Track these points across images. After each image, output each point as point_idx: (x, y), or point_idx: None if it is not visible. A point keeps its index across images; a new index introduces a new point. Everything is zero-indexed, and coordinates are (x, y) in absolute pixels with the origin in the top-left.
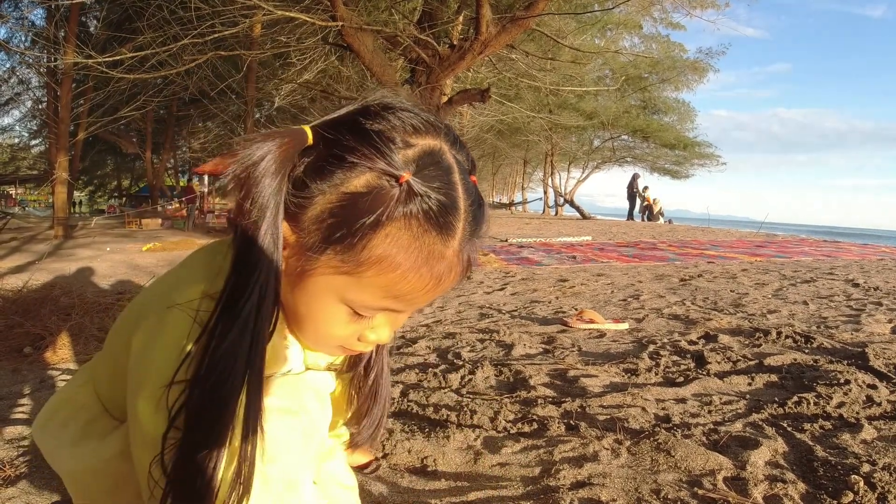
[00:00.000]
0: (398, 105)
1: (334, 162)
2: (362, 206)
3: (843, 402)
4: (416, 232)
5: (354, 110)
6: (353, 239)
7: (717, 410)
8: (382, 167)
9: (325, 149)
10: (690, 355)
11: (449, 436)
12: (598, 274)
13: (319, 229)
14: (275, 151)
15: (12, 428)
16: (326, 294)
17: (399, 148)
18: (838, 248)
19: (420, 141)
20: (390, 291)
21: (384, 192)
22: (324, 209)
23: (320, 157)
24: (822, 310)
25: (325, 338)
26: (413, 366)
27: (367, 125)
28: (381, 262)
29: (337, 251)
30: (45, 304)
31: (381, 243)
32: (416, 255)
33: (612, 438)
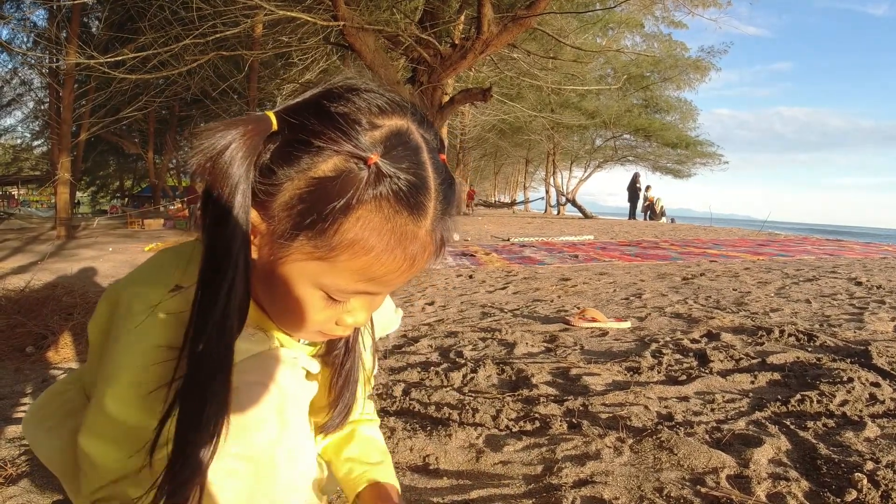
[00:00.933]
0: (362, 86)
1: (300, 147)
2: (331, 190)
3: (847, 400)
4: (388, 213)
5: (318, 93)
6: (324, 224)
7: (720, 408)
8: (349, 150)
9: (290, 134)
10: (693, 354)
11: (451, 434)
12: (601, 273)
13: (290, 216)
14: (239, 139)
15: (14, 427)
16: (301, 280)
17: (365, 129)
18: (841, 247)
19: (386, 121)
20: (364, 274)
21: (353, 175)
22: (293, 195)
23: (286, 142)
24: (825, 308)
25: (302, 324)
26: (415, 364)
27: (332, 108)
28: (353, 245)
29: (308, 237)
30: (47, 303)
31: (353, 227)
32: (389, 237)
33: (614, 437)
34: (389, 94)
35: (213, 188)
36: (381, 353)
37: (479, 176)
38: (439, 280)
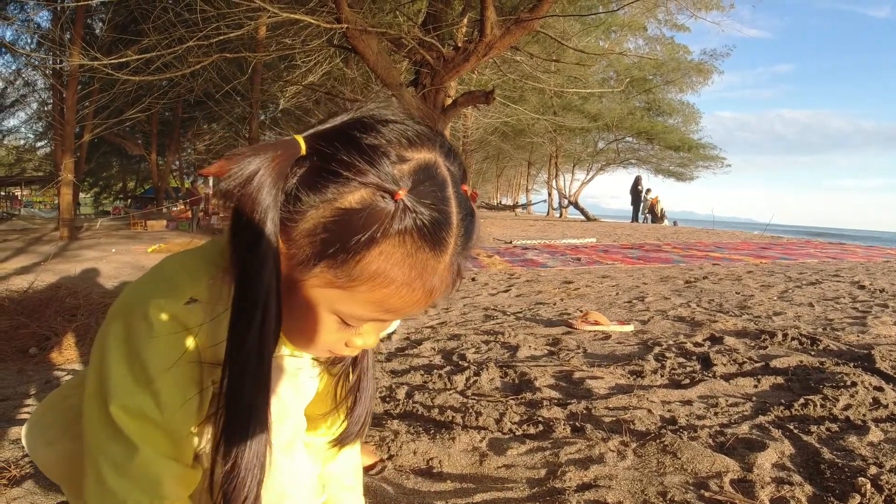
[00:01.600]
0: (393, 117)
1: (328, 176)
2: (357, 222)
3: (850, 404)
4: (410, 249)
5: (349, 122)
6: (346, 255)
7: (724, 412)
8: (377, 183)
9: (318, 161)
10: (696, 357)
11: (454, 437)
12: (603, 276)
13: (312, 243)
14: (268, 165)
15: (18, 428)
16: (316, 305)
17: (394, 163)
18: (843, 251)
19: (415, 155)
20: (382, 305)
21: (379, 209)
22: (317, 224)
23: (314, 170)
24: (828, 312)
25: (313, 343)
26: (418, 367)
27: (362, 139)
28: (374, 278)
29: (329, 266)
30: (50, 304)
31: (376, 260)
32: (410, 271)
33: (617, 440)
34: (419, 126)
35: (242, 214)
36: (385, 356)
37: (482, 178)
38: None
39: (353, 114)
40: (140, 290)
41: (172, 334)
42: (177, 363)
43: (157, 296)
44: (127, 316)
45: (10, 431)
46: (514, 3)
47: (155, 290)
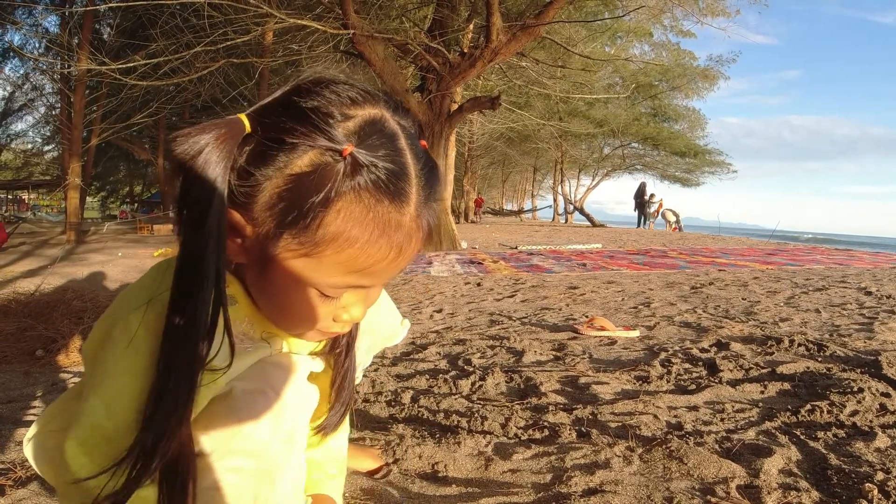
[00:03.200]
0: (331, 79)
1: (275, 146)
2: (309, 185)
3: (857, 410)
4: (369, 203)
5: (287, 90)
6: (305, 220)
7: (730, 418)
8: (323, 143)
9: (263, 134)
10: (702, 363)
11: (460, 441)
12: (609, 281)
13: (272, 215)
14: (213, 143)
15: (23, 430)
16: (291, 279)
17: (338, 121)
18: (850, 257)
19: (359, 112)
20: (352, 267)
21: (329, 168)
22: (272, 194)
23: (260, 142)
24: (835, 318)
25: (300, 322)
26: (423, 372)
27: (303, 103)
28: (337, 238)
29: (293, 234)
30: (57, 307)
31: (335, 220)
32: (373, 227)
33: (623, 445)
34: (360, 85)
35: (188, 193)
36: (390, 360)
37: (487, 184)
38: (447, 288)
39: (292, 83)
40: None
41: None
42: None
43: (126, 308)
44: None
45: (15, 433)
46: (520, 9)
47: (126, 302)
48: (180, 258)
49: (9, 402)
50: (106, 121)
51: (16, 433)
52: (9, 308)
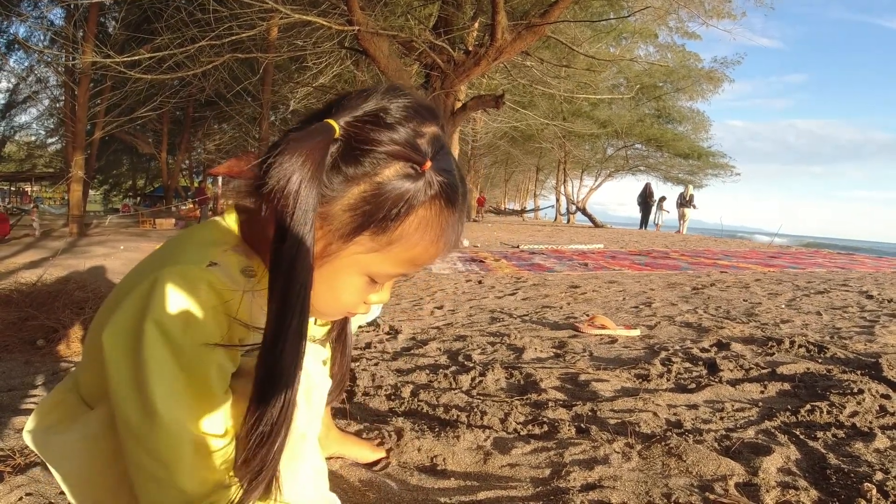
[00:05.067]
0: (409, 95)
1: (364, 155)
2: (394, 192)
3: (857, 411)
4: (437, 211)
5: (373, 103)
6: (388, 223)
7: (730, 417)
8: (409, 156)
9: (354, 142)
10: (703, 362)
11: (459, 436)
12: (610, 281)
13: (353, 217)
14: (305, 162)
15: (23, 418)
16: (351, 269)
17: (419, 137)
18: (852, 261)
19: (428, 128)
20: (412, 261)
21: (412, 179)
22: (358, 198)
23: (349, 149)
24: (836, 320)
25: (337, 306)
26: (424, 367)
27: (388, 118)
28: (409, 239)
29: (370, 233)
30: (59, 297)
31: (412, 224)
32: (438, 230)
33: (622, 442)
34: (425, 102)
35: (284, 208)
36: (391, 355)
37: (490, 183)
38: (448, 285)
39: (374, 96)
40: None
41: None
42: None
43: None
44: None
45: (14, 421)
46: (526, 8)
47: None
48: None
49: (9, 390)
50: (110, 114)
51: (15, 421)
52: (10, 298)
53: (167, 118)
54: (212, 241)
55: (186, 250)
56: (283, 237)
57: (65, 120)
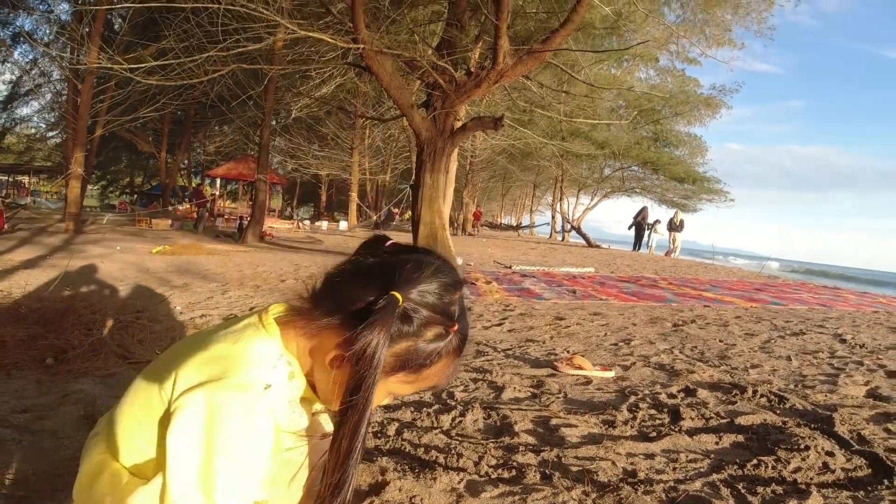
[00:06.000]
0: (442, 272)
1: (413, 321)
2: (431, 348)
3: (800, 467)
4: (451, 358)
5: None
6: (421, 367)
7: (682, 468)
8: (444, 323)
9: (407, 311)
10: (667, 409)
11: (436, 477)
12: (595, 313)
13: (397, 360)
14: (383, 332)
15: (39, 439)
16: (383, 391)
17: (448, 305)
18: (836, 296)
19: (455, 297)
20: (425, 388)
21: (443, 338)
22: (403, 349)
23: (404, 316)
24: (804, 367)
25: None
26: (409, 404)
27: (432, 295)
28: (430, 376)
29: (407, 372)
30: (67, 316)
31: (436, 367)
32: (451, 370)
33: (580, 490)
34: (453, 274)
35: (364, 369)
36: None
37: (487, 196)
38: None
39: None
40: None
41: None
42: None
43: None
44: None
45: (33, 442)
46: (528, 33)
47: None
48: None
49: (24, 411)
50: (112, 112)
51: (33, 442)
52: (19, 313)
53: (169, 118)
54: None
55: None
56: (359, 388)
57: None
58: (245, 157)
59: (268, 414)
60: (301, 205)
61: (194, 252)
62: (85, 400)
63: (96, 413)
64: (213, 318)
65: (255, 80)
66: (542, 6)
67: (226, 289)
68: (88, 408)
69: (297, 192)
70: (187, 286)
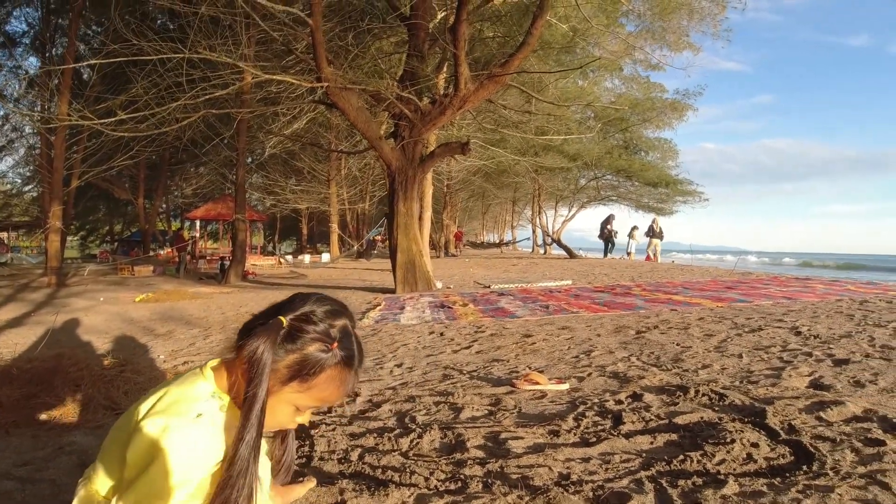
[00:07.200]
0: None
1: (298, 338)
2: (314, 360)
3: (724, 459)
4: (339, 370)
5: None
6: (309, 377)
7: (613, 468)
8: (324, 339)
9: (292, 330)
10: (611, 415)
11: (388, 493)
12: (563, 327)
13: (289, 371)
14: (268, 340)
15: (39, 488)
16: (284, 402)
17: (329, 328)
18: (805, 287)
19: (338, 322)
20: (322, 400)
21: (325, 352)
22: (293, 362)
23: (290, 335)
24: (753, 363)
25: (276, 423)
26: (373, 430)
27: (314, 317)
28: (320, 387)
29: (298, 382)
30: (56, 374)
31: (323, 378)
32: (338, 382)
33: (515, 495)
34: (338, 306)
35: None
36: (347, 419)
37: (468, 216)
38: (412, 339)
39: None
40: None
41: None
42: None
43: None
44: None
45: (34, 490)
46: (489, 57)
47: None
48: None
49: (24, 464)
50: (86, 163)
51: (35, 492)
52: (11, 374)
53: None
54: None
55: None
56: (252, 383)
57: (40, 169)
58: (224, 197)
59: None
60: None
61: (177, 297)
62: (78, 451)
63: (88, 461)
64: (194, 364)
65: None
66: (500, 30)
67: (208, 333)
68: (82, 457)
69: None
70: (170, 333)
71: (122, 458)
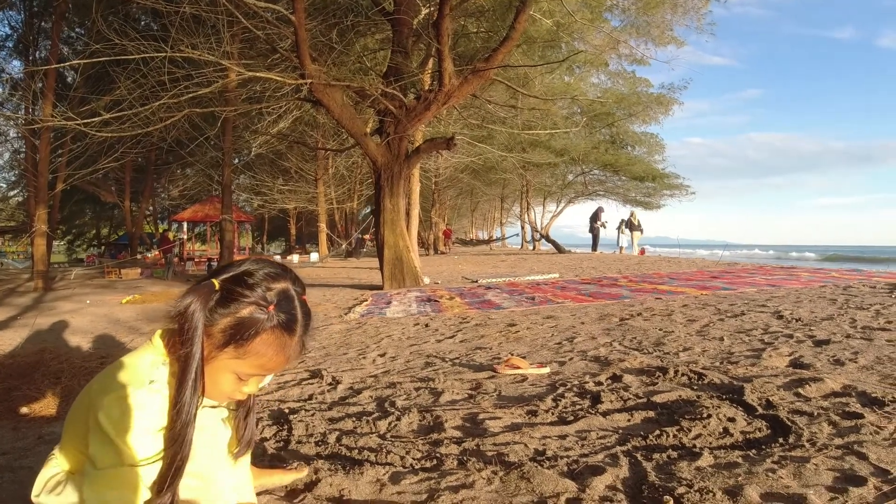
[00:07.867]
0: (266, 266)
1: (231, 300)
2: (249, 323)
3: (701, 433)
4: (276, 334)
5: (242, 271)
6: (244, 341)
7: (589, 444)
8: (258, 302)
9: (227, 293)
10: (590, 396)
11: (363, 472)
12: (548, 316)
13: (224, 335)
14: (198, 300)
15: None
16: (223, 369)
17: (266, 290)
18: (789, 276)
19: (277, 285)
20: (262, 366)
21: (260, 315)
22: (227, 325)
23: (223, 298)
24: (734, 345)
25: (220, 393)
26: (352, 415)
27: (249, 279)
28: (258, 352)
29: (234, 347)
30: (38, 367)
31: (259, 342)
32: (276, 347)
33: (490, 470)
34: (278, 268)
35: (184, 327)
36: (327, 405)
37: (457, 213)
38: (396, 330)
39: (245, 264)
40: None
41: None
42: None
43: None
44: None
45: (13, 478)
46: (473, 52)
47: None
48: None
49: (3, 454)
50: (72, 166)
51: (13, 478)
52: None
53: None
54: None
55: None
56: (185, 343)
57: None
58: (211, 199)
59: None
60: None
61: (164, 299)
62: (57, 440)
63: None
64: None
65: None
66: (484, 25)
67: None
68: None
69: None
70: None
71: (84, 432)
